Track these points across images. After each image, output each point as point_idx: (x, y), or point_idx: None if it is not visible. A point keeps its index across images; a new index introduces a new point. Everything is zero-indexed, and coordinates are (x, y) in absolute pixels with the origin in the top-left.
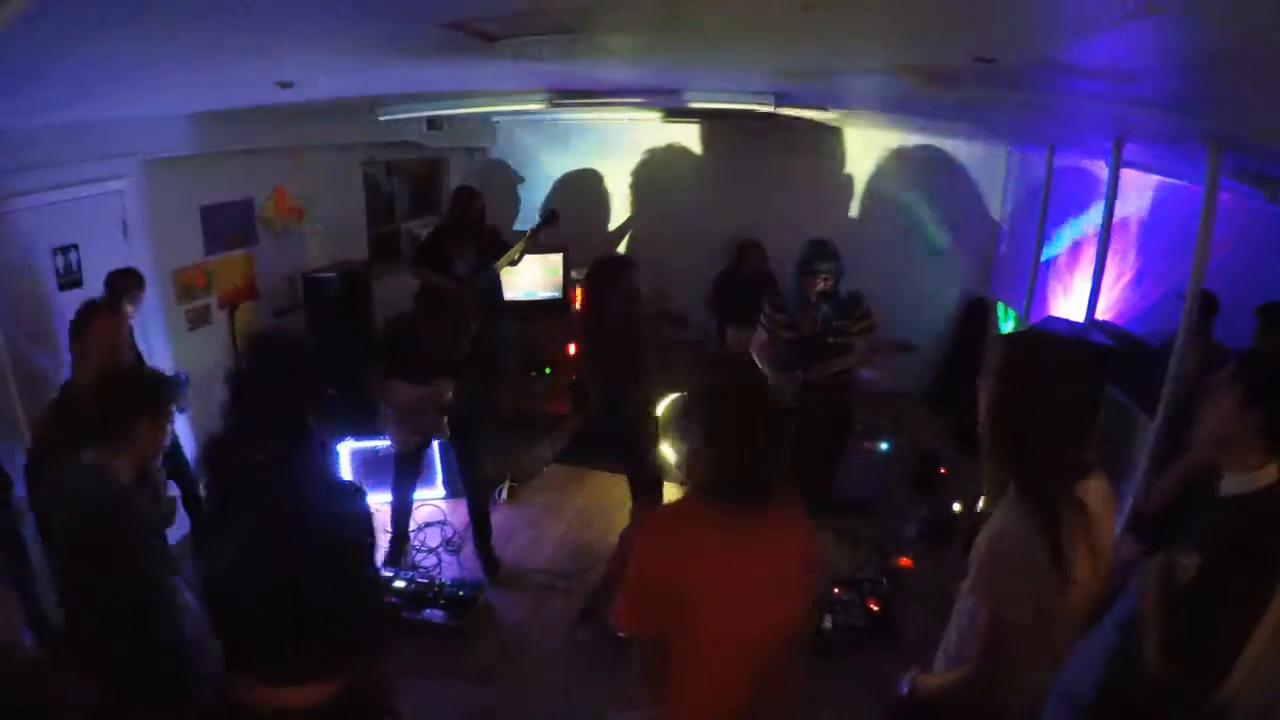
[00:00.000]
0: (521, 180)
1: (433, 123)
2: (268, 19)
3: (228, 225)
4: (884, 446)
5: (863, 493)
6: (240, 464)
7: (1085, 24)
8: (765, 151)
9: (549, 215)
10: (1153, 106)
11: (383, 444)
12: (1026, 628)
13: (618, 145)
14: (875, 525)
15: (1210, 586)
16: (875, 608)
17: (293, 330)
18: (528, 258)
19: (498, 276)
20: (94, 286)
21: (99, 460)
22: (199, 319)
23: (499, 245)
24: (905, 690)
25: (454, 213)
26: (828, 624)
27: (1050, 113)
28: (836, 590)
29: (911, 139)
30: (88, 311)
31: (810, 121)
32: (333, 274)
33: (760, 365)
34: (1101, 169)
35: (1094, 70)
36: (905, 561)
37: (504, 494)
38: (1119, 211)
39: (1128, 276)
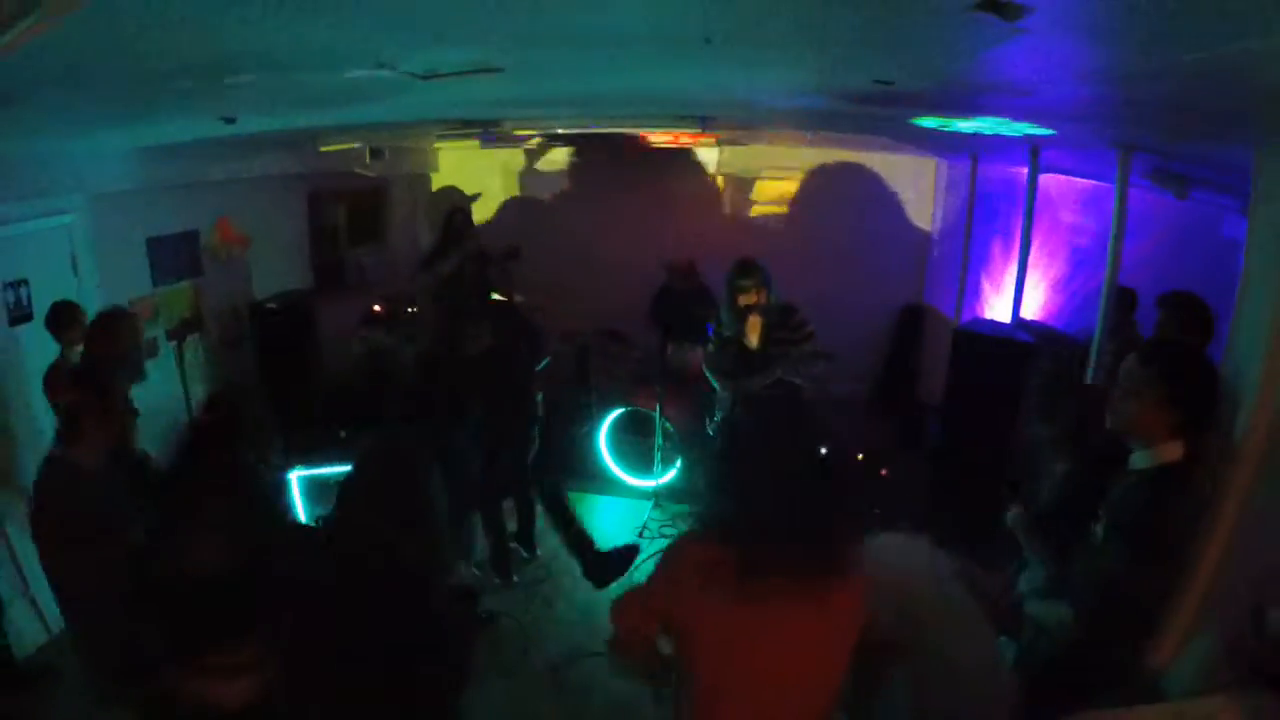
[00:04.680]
0: (473, 202)
1: (375, 151)
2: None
3: (174, 256)
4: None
5: None
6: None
7: (964, 47)
8: (700, 172)
9: (511, 251)
10: (1057, 117)
11: (334, 470)
12: None
13: (550, 170)
14: None
15: (1118, 556)
16: None
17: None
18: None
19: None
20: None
21: (57, 452)
22: (148, 351)
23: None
24: None
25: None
26: None
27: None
28: None
29: (842, 154)
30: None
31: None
32: (279, 304)
33: (709, 378)
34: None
35: (989, 86)
36: None
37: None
38: (1050, 214)
39: (1058, 276)
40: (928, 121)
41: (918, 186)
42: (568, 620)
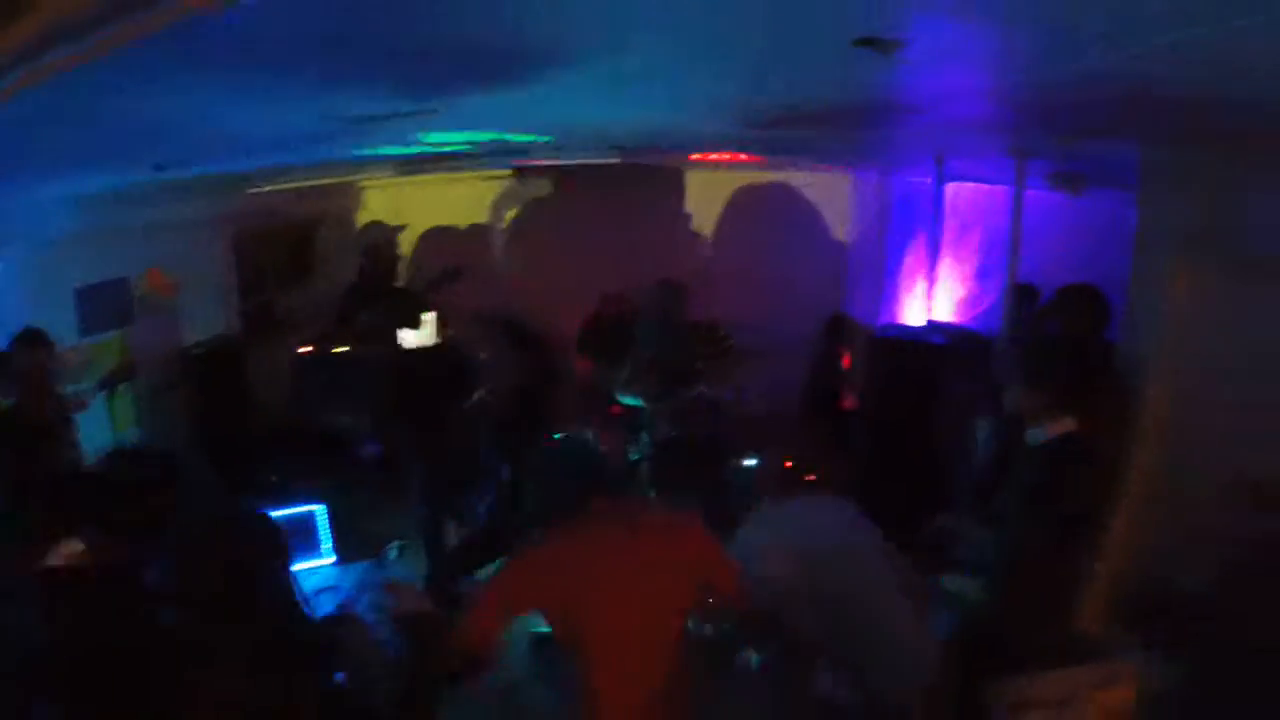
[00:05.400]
0: (401, 236)
1: (301, 192)
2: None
3: (103, 306)
4: (752, 463)
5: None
6: None
7: (854, 75)
8: (623, 200)
9: (450, 273)
10: (954, 129)
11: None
12: None
13: (479, 204)
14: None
15: (1023, 526)
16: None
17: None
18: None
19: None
20: None
21: None
22: (77, 404)
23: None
24: None
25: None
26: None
27: (874, 139)
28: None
29: (759, 175)
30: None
31: (661, 169)
32: (209, 350)
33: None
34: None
35: (886, 106)
36: None
37: (394, 553)
38: (959, 220)
39: (969, 279)
40: None
41: (832, 201)
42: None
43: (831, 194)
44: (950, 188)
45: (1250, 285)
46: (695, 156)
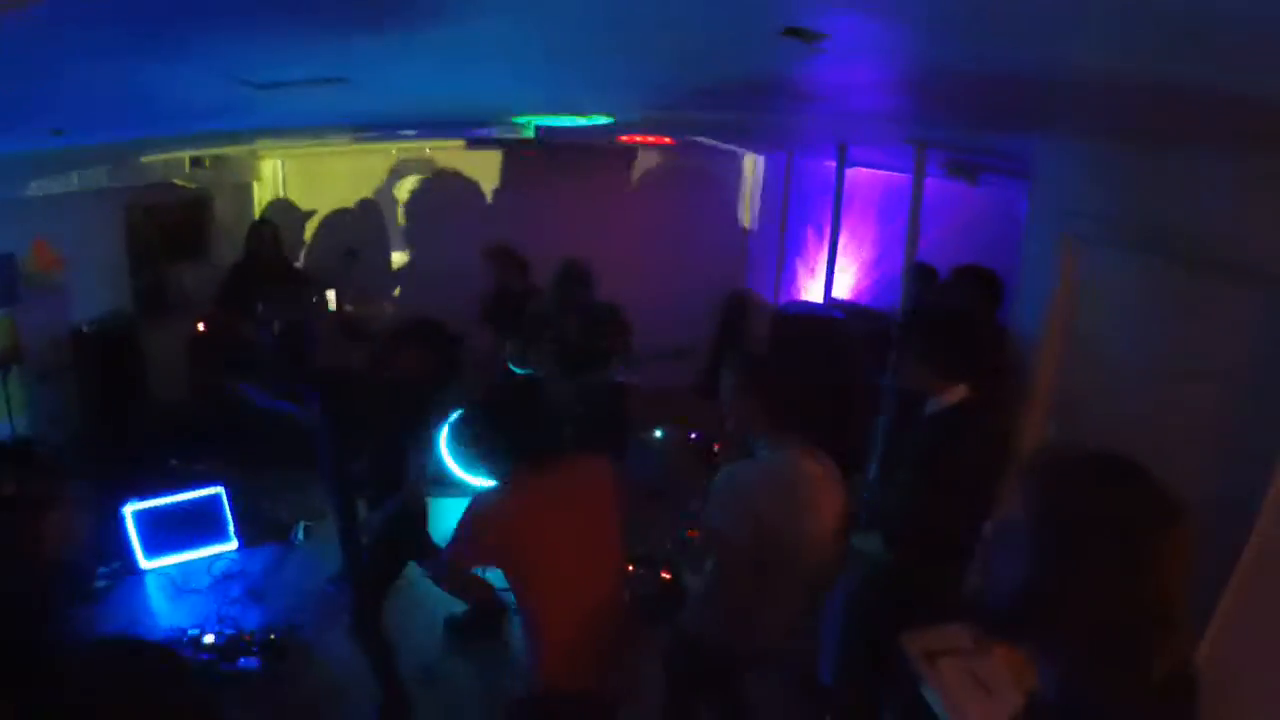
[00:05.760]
0: (308, 216)
1: (198, 160)
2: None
3: None
4: (659, 434)
5: (648, 478)
6: None
7: (773, 63)
8: (540, 174)
9: (348, 254)
10: (859, 118)
11: (170, 500)
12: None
13: (383, 174)
14: (664, 505)
15: (917, 486)
16: (668, 576)
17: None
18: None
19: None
20: None
21: None
22: None
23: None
24: None
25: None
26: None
27: (782, 124)
28: (631, 568)
29: (664, 155)
30: None
31: (580, 145)
32: (100, 329)
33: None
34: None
35: (798, 94)
36: (693, 533)
37: (300, 534)
38: (859, 204)
39: (867, 259)
40: None
41: (737, 180)
42: (427, 625)
43: (736, 172)
44: (849, 173)
45: (1134, 267)
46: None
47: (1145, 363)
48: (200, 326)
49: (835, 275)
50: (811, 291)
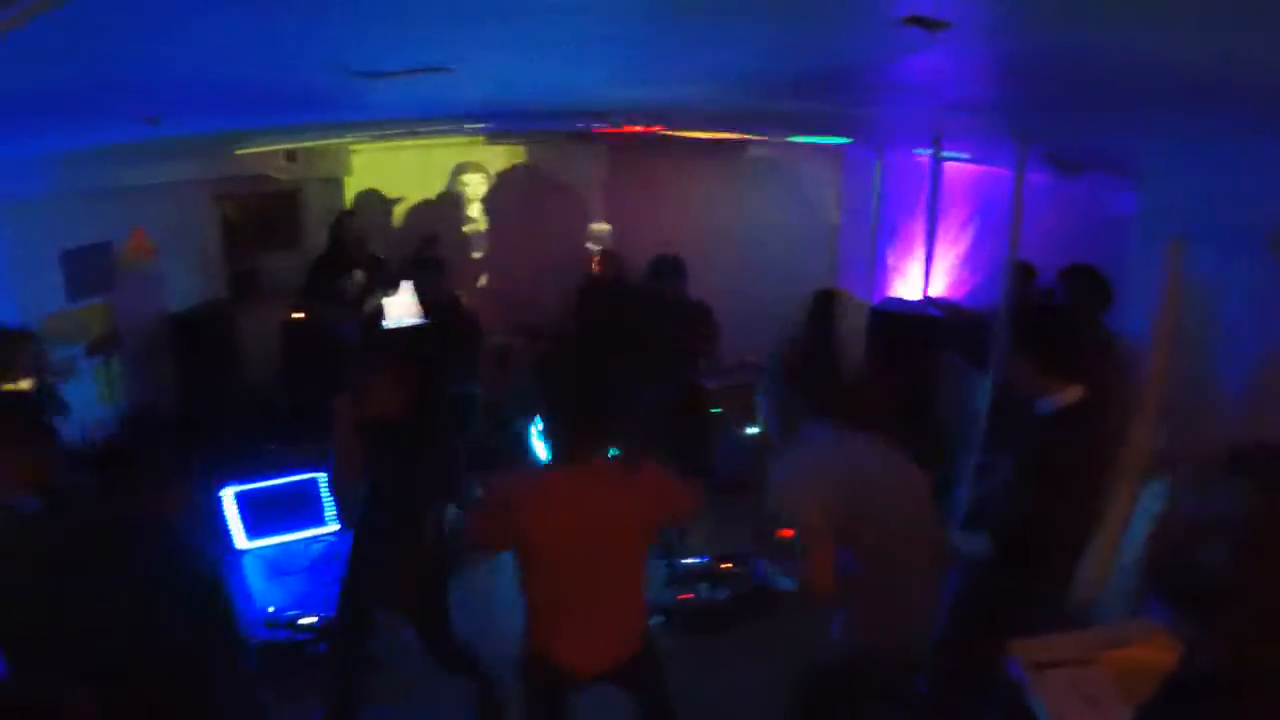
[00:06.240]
0: (394, 206)
1: (290, 154)
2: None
3: (88, 270)
4: (751, 431)
5: (738, 473)
6: None
7: (882, 53)
8: (618, 168)
9: (426, 240)
10: (962, 110)
11: (269, 482)
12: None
13: (467, 168)
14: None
15: (1027, 489)
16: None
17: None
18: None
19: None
20: None
21: None
22: (65, 372)
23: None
24: None
25: (334, 239)
26: (721, 596)
27: (873, 117)
28: (723, 566)
29: (747, 152)
30: None
31: (658, 138)
32: (196, 316)
33: None
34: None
35: (899, 85)
36: (786, 532)
37: None
38: (948, 199)
39: (958, 256)
40: None
41: (823, 175)
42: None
43: (822, 167)
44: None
45: (1250, 269)
46: (687, 131)
47: (1262, 367)
48: (294, 315)
49: (929, 273)
50: (901, 290)
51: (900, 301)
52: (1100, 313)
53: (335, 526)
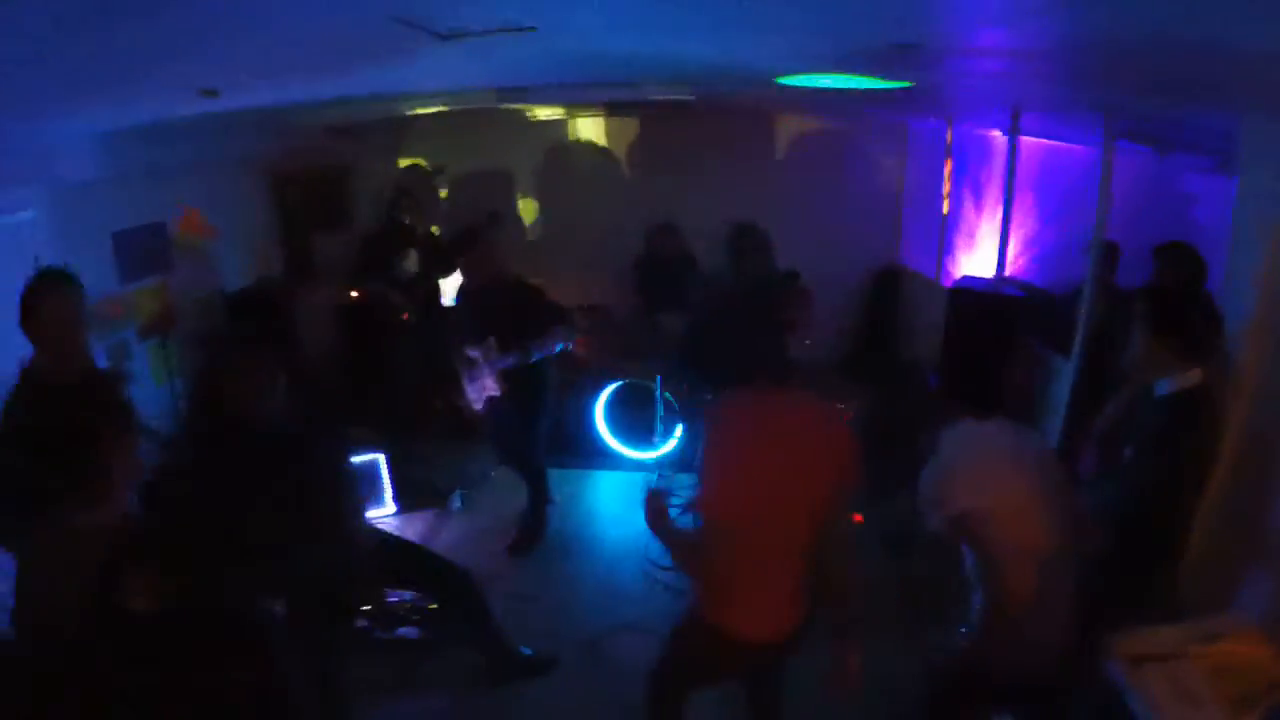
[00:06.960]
0: (441, 180)
1: (344, 129)
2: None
3: (142, 251)
4: None
5: None
6: None
7: (1001, 14)
8: (676, 140)
9: (490, 217)
10: (1052, 80)
11: None
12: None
13: (522, 142)
14: None
15: (1144, 477)
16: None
17: None
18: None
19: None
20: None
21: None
22: (120, 354)
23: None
24: None
25: (388, 216)
26: None
27: (946, 88)
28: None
29: (808, 122)
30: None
31: (722, 109)
32: (252, 296)
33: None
34: (996, 136)
35: (1001, 51)
36: (856, 517)
37: (459, 503)
38: (1020, 175)
39: (1028, 234)
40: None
41: (887, 148)
42: (592, 595)
43: (887, 141)
44: (1003, 142)
45: None
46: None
47: None
48: (354, 294)
49: (1003, 250)
50: (968, 267)
51: (979, 279)
52: (1195, 291)
53: (392, 509)
